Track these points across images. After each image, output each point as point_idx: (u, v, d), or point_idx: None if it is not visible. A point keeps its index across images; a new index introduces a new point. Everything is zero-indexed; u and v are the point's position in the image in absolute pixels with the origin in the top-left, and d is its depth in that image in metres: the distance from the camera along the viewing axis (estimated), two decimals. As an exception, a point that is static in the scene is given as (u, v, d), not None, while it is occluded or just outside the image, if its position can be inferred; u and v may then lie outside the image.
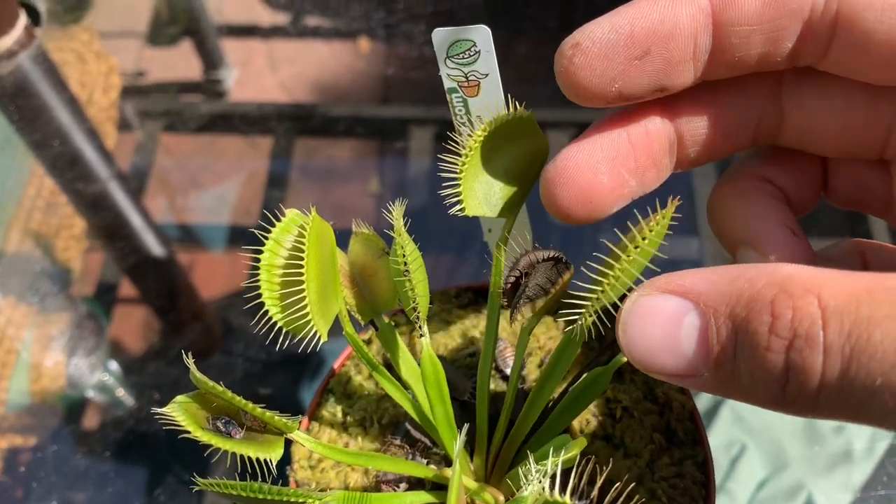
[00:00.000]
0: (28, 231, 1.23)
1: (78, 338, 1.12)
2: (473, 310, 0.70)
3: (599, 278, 0.44)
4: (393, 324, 0.60)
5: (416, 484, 0.59)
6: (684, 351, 0.40)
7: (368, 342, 0.68)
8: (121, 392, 1.07)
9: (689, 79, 0.47)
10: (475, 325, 0.68)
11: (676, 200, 0.44)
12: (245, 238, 1.22)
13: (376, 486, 0.59)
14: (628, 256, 0.43)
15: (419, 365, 0.58)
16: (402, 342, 0.58)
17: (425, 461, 0.59)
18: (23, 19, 1.32)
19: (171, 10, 1.52)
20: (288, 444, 0.55)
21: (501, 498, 0.55)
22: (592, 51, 0.45)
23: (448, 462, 0.59)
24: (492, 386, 0.64)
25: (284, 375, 1.05)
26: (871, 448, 0.97)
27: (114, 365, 1.09)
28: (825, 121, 0.49)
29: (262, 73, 1.38)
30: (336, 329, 1.07)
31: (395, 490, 0.58)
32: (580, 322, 0.45)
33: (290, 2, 1.44)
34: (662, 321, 0.40)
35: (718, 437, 0.99)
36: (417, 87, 1.30)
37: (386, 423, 0.63)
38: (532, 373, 0.65)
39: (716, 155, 0.52)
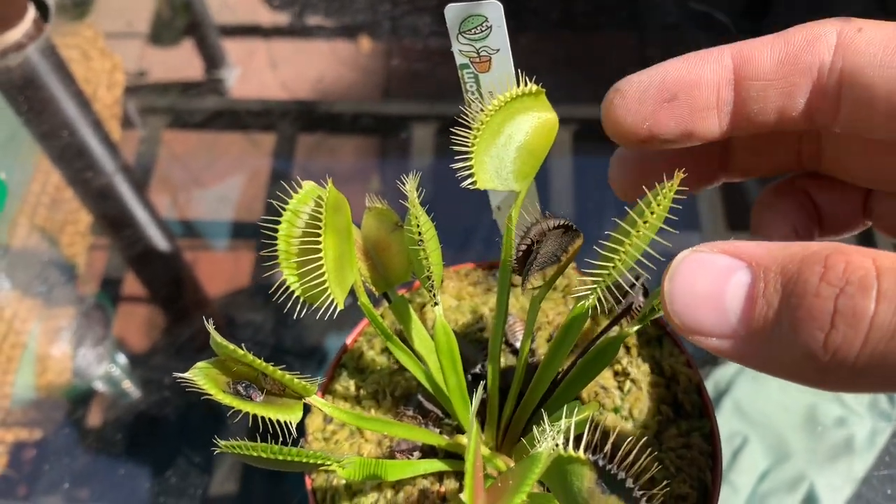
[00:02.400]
0: (34, 226, 1.24)
1: (86, 328, 1.13)
2: (483, 287, 0.71)
3: (610, 254, 0.45)
4: (406, 298, 0.61)
5: (428, 453, 0.60)
6: (726, 307, 0.40)
7: (381, 318, 0.69)
8: (127, 384, 1.08)
9: (715, 128, 0.52)
10: (484, 301, 0.70)
11: (681, 173, 0.46)
12: (248, 235, 1.23)
13: (390, 456, 0.60)
14: (637, 231, 0.44)
15: (431, 338, 0.59)
16: (414, 315, 0.59)
17: (438, 431, 0.60)
18: (31, 13, 1.33)
19: (173, 9, 1.54)
20: (301, 417, 0.56)
21: (513, 465, 0.56)
22: (629, 94, 0.52)
23: (460, 431, 0.60)
24: (502, 360, 0.65)
25: (288, 368, 1.06)
26: (872, 439, 0.98)
27: (120, 356, 1.10)
28: (854, 155, 0.54)
29: (264, 72, 1.39)
30: (343, 321, 1.08)
31: (408, 458, 0.59)
32: (592, 295, 0.47)
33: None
34: (711, 275, 0.40)
35: (720, 429, 1.00)
36: (422, 79, 1.31)
37: (398, 395, 0.64)
38: (541, 347, 0.66)
39: (761, 169, 0.57)
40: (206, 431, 0.98)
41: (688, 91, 0.51)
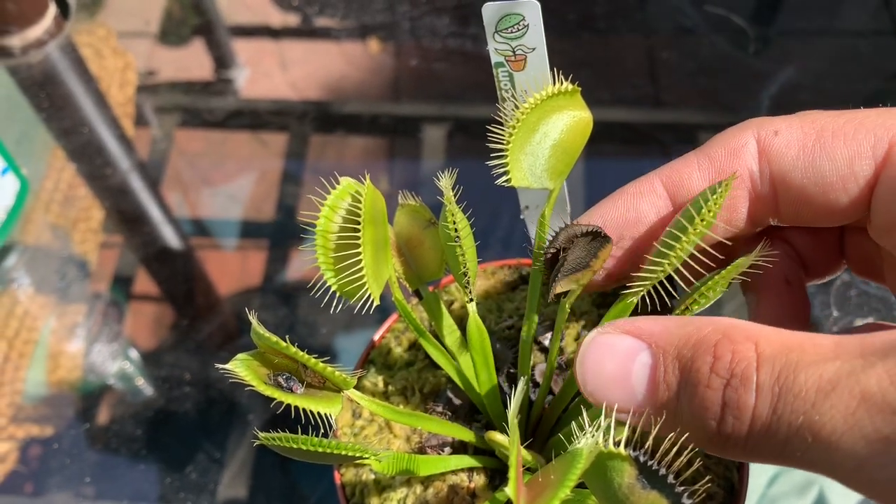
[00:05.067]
0: (46, 224, 1.24)
1: (102, 324, 1.13)
2: (509, 285, 0.71)
3: (665, 250, 0.46)
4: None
5: (458, 448, 0.60)
6: (633, 386, 0.43)
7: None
8: (145, 380, 1.08)
9: None
10: (510, 299, 0.70)
11: (733, 176, 0.47)
12: (258, 234, 1.23)
13: (420, 451, 0.61)
14: (695, 228, 0.45)
15: (461, 334, 0.60)
16: (445, 311, 0.60)
17: (468, 427, 0.60)
18: (52, 10, 1.34)
19: (184, 8, 1.54)
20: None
21: (543, 461, 0.57)
22: None
23: (489, 427, 0.60)
24: (531, 357, 0.65)
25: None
26: (883, 444, 0.98)
27: (137, 353, 1.10)
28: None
29: (273, 72, 1.40)
30: (351, 321, 1.07)
31: (439, 454, 0.59)
32: (639, 293, 0.48)
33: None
34: (617, 357, 0.44)
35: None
36: (439, 80, 1.32)
37: (427, 391, 0.64)
38: (570, 345, 0.66)
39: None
40: (226, 427, 0.99)
41: (633, 229, 0.52)
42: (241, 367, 0.47)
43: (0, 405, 1.10)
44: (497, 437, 0.53)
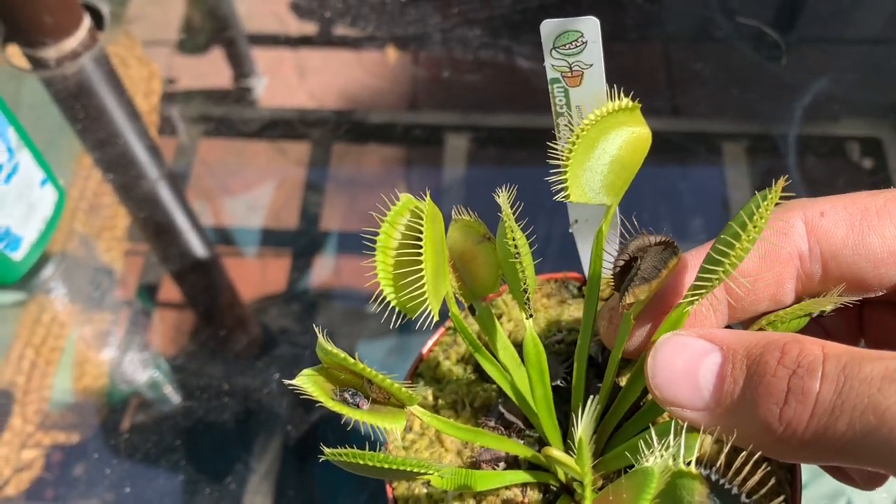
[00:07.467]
0: (72, 232, 1.25)
1: (130, 332, 1.14)
2: (557, 300, 0.71)
3: (720, 258, 0.46)
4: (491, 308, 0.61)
5: (511, 463, 0.60)
6: (700, 383, 0.46)
7: (453, 329, 0.70)
8: (170, 389, 1.08)
9: (713, 322, 0.56)
10: (559, 314, 0.70)
11: (783, 180, 0.47)
12: (278, 243, 1.23)
13: (473, 466, 0.61)
14: (748, 235, 0.45)
15: (514, 349, 0.60)
16: (499, 326, 0.60)
17: (521, 442, 0.61)
18: (87, 22, 1.35)
19: (203, 17, 1.55)
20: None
21: (599, 477, 0.57)
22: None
23: (542, 443, 0.60)
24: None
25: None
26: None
27: (170, 362, 1.11)
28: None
29: (292, 81, 1.40)
30: (372, 329, 1.07)
31: (494, 469, 0.59)
32: (696, 301, 0.48)
33: (346, 9, 1.46)
34: (688, 355, 0.47)
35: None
36: (472, 90, 1.32)
37: (478, 406, 0.64)
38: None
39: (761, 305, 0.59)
40: (266, 438, 0.99)
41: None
42: (308, 384, 0.47)
43: (27, 412, 1.10)
44: (555, 453, 0.53)
